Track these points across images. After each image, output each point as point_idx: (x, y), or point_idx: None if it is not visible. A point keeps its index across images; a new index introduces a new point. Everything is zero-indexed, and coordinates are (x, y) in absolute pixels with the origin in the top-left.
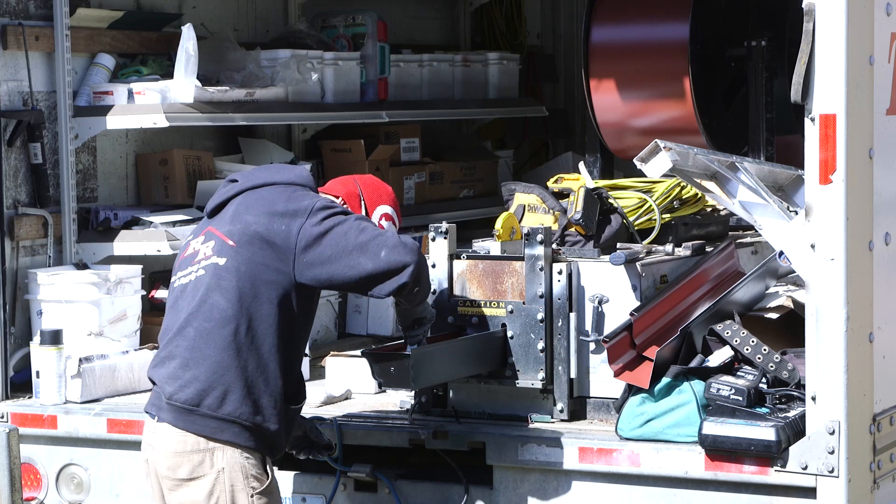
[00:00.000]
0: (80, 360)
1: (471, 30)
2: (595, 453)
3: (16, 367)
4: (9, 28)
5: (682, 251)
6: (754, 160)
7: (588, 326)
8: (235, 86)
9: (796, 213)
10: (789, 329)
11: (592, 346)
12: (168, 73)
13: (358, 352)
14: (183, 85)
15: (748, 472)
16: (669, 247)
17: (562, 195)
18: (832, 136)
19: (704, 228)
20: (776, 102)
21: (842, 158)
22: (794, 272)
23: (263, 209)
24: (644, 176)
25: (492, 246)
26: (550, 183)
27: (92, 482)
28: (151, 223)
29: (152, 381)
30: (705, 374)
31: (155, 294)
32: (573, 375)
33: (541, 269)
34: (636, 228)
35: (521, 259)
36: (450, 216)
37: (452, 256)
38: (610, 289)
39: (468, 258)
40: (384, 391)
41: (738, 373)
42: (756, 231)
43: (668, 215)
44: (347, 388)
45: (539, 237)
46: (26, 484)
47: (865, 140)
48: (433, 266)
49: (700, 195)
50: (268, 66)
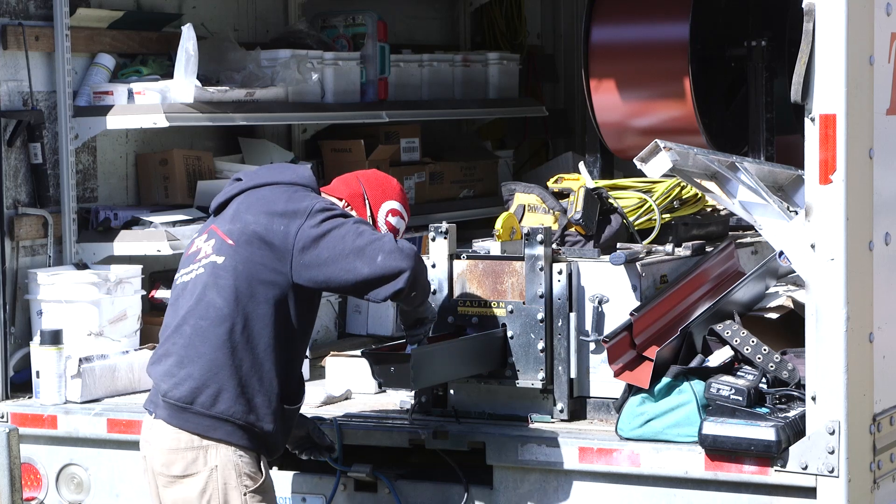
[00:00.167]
0: (80, 360)
1: (471, 30)
2: (595, 453)
3: (16, 367)
4: (9, 28)
5: (682, 251)
6: (754, 160)
7: (588, 326)
8: (235, 86)
9: (796, 213)
10: (789, 329)
11: (592, 346)
12: (168, 73)
13: (358, 352)
14: (183, 85)
15: (748, 472)
16: (669, 247)
17: (562, 195)
18: (832, 136)
19: (704, 228)
20: (776, 102)
21: (842, 158)
22: (794, 272)
23: (263, 209)
24: (644, 176)
25: (492, 246)
26: (550, 183)
27: (92, 482)
28: (151, 223)
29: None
30: (705, 374)
31: (155, 294)
32: (573, 375)
33: (541, 269)
34: (636, 228)
35: (521, 259)
36: (450, 216)
37: (452, 256)
38: (610, 289)
39: (468, 258)
40: (384, 391)
41: (738, 373)
42: (756, 231)
43: (668, 215)
44: (347, 388)
45: (539, 237)
46: (26, 484)
47: (865, 140)
48: (433, 266)
49: (700, 195)
50: (268, 66)
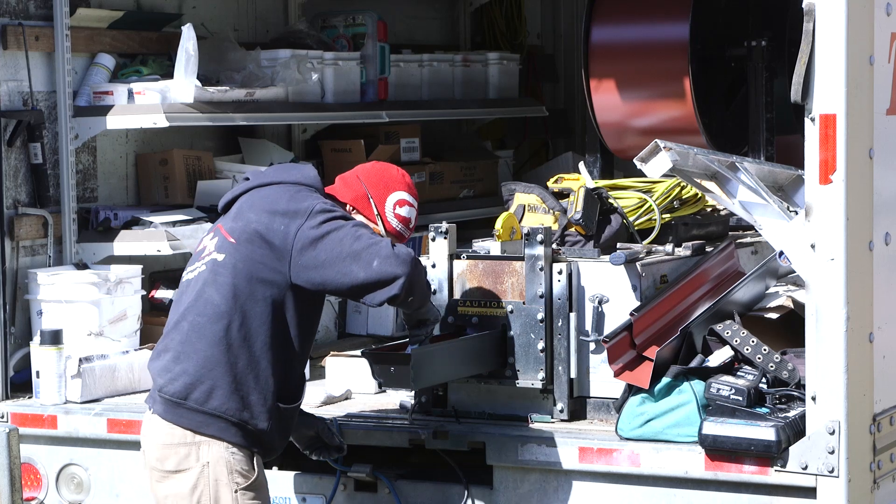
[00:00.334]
0: (80, 360)
1: (471, 30)
2: (595, 453)
3: (16, 367)
4: (9, 28)
5: (682, 251)
6: (754, 160)
7: (588, 326)
8: (235, 86)
9: (796, 213)
10: (789, 329)
11: (592, 346)
12: (168, 73)
13: (358, 352)
14: (183, 85)
15: (748, 472)
16: (669, 247)
17: (562, 195)
18: (832, 136)
19: (704, 228)
20: (776, 102)
21: (842, 158)
22: (794, 272)
23: (265, 207)
24: (644, 176)
25: (492, 246)
26: (550, 183)
27: (92, 482)
28: (151, 223)
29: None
30: (705, 374)
31: (155, 294)
32: (573, 375)
33: (541, 269)
34: (636, 228)
35: (521, 259)
36: (450, 216)
37: (452, 256)
38: (610, 289)
39: (468, 258)
40: (384, 391)
41: (738, 373)
42: (756, 231)
43: (668, 215)
44: (347, 388)
45: (539, 237)
46: (26, 484)
47: (865, 140)
48: (433, 266)
49: (700, 195)
50: (268, 66)
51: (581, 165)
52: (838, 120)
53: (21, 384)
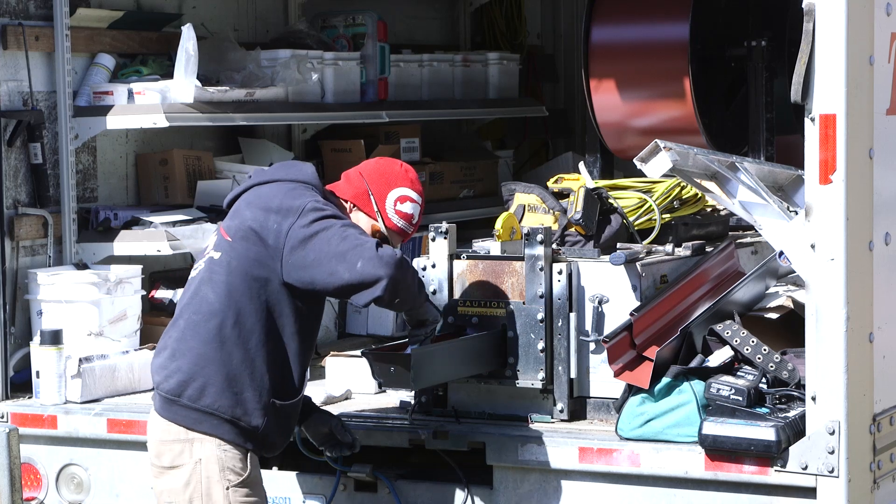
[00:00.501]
0: (80, 360)
1: (471, 30)
2: (595, 453)
3: (16, 367)
4: (9, 28)
5: (682, 251)
6: (754, 160)
7: (588, 326)
8: (235, 86)
9: (796, 213)
10: (789, 329)
11: (592, 346)
12: (168, 73)
13: (358, 352)
14: (183, 85)
15: (748, 472)
16: (669, 247)
17: (562, 195)
18: (832, 136)
19: (704, 228)
20: (776, 102)
21: (842, 158)
22: (794, 272)
23: (261, 205)
24: (644, 176)
25: (492, 246)
26: (550, 183)
27: (92, 482)
28: (151, 223)
29: None
30: (705, 374)
31: (155, 294)
32: (573, 375)
33: (541, 269)
34: (636, 228)
35: (521, 259)
36: (450, 216)
37: (452, 256)
38: (610, 289)
39: (468, 258)
40: (384, 391)
41: (738, 373)
42: (756, 231)
43: (668, 215)
44: (347, 388)
45: (539, 237)
46: (26, 484)
47: (865, 140)
48: (433, 266)
49: (700, 195)
50: (268, 66)
51: (581, 165)
52: (838, 120)
53: (21, 384)
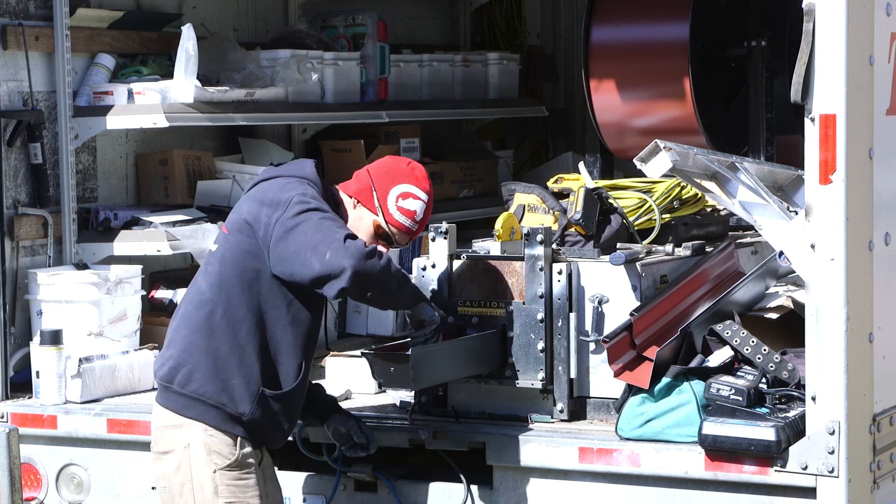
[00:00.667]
0: (80, 360)
1: (471, 30)
2: (595, 453)
3: (16, 367)
4: (9, 28)
5: (682, 251)
6: (754, 160)
7: (588, 326)
8: (235, 86)
9: (796, 213)
10: (789, 329)
11: (592, 346)
12: (168, 73)
13: (358, 352)
14: (183, 85)
15: (748, 472)
16: (669, 247)
17: (562, 195)
18: (832, 136)
19: (704, 228)
20: (776, 102)
21: (842, 158)
22: (794, 272)
23: (257, 198)
24: (644, 176)
25: (492, 246)
26: (550, 183)
27: (92, 482)
28: (151, 223)
29: None
30: (705, 374)
31: (155, 294)
32: (573, 375)
33: (541, 269)
34: (636, 228)
35: (521, 259)
36: (450, 216)
37: (452, 256)
38: (610, 289)
39: (468, 258)
40: (384, 391)
41: (738, 373)
42: (756, 231)
43: (668, 215)
44: (347, 388)
45: (539, 237)
46: (26, 484)
47: (865, 140)
48: (433, 266)
49: (700, 195)
50: (268, 66)
51: (581, 165)
52: (838, 120)
53: (21, 384)
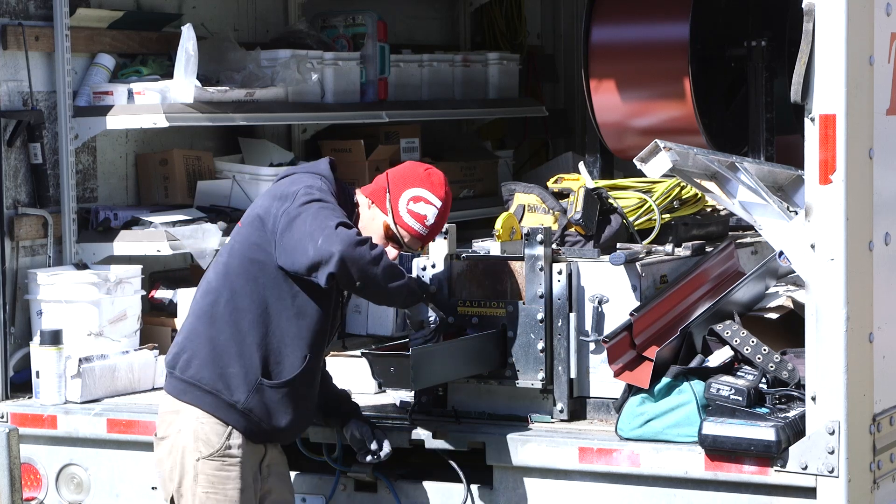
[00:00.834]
0: (80, 360)
1: (471, 30)
2: (595, 453)
3: (16, 367)
4: (9, 28)
5: (682, 251)
6: (754, 160)
7: (588, 326)
8: (235, 86)
9: (796, 213)
10: (789, 329)
11: (592, 346)
12: (168, 73)
13: (358, 352)
14: (183, 85)
15: (748, 472)
16: (669, 247)
17: (562, 195)
18: (832, 136)
19: (704, 228)
20: (776, 102)
21: (842, 158)
22: (794, 272)
23: (271, 193)
24: (644, 176)
25: (492, 246)
26: (550, 183)
27: (92, 482)
28: (151, 223)
29: None
30: (705, 374)
31: (155, 294)
32: (573, 375)
33: (541, 269)
34: (636, 228)
35: (521, 259)
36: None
37: (452, 256)
38: (610, 289)
39: (468, 258)
40: (384, 391)
41: (738, 373)
42: (756, 231)
43: (668, 215)
44: (347, 389)
45: (539, 237)
46: (26, 484)
47: (865, 140)
48: (433, 266)
49: (700, 195)
50: (268, 66)
51: (581, 165)
52: (838, 120)
53: (21, 384)
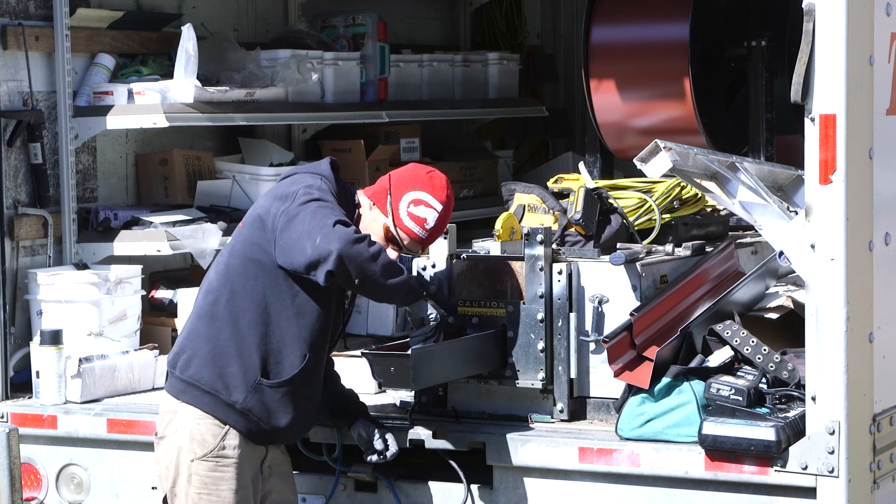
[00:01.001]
0: (80, 360)
1: (471, 30)
2: (595, 453)
3: (16, 367)
4: (9, 28)
5: (682, 251)
6: (754, 160)
7: (588, 326)
8: (235, 86)
9: (796, 213)
10: (789, 329)
11: (592, 346)
12: (168, 73)
13: (358, 352)
14: (183, 85)
15: (748, 472)
16: (669, 247)
17: (562, 195)
18: (832, 136)
19: (704, 228)
20: (776, 102)
21: (842, 158)
22: (794, 272)
23: (272, 193)
24: (644, 176)
25: (492, 246)
26: (550, 183)
27: (92, 482)
28: (151, 223)
29: None
30: (705, 374)
31: (155, 294)
32: (573, 375)
33: (541, 269)
34: (636, 228)
35: (521, 259)
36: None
37: (452, 256)
38: (610, 289)
39: (468, 258)
40: (384, 391)
41: (738, 373)
42: (756, 231)
43: (668, 215)
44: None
45: (539, 237)
46: (26, 484)
47: (865, 140)
48: (433, 266)
49: (700, 195)
50: (268, 66)
51: (581, 165)
52: (838, 120)
53: (21, 384)
